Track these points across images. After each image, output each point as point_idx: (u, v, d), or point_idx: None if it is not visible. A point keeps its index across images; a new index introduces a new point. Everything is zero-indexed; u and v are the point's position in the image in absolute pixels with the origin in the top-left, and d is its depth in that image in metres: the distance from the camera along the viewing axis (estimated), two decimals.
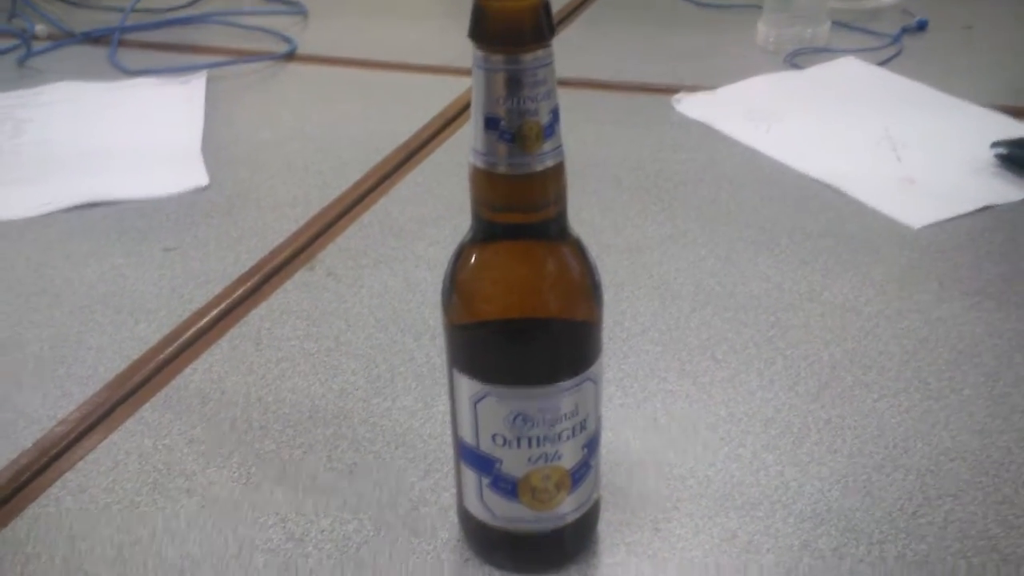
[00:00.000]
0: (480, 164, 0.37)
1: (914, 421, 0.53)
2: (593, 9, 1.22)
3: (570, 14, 1.19)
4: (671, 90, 0.94)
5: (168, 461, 0.51)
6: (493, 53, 0.35)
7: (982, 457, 0.50)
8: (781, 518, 0.47)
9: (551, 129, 0.36)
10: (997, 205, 0.73)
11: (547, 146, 0.36)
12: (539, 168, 0.36)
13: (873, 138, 0.85)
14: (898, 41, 1.05)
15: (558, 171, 0.37)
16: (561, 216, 0.39)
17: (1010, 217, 0.72)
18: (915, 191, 0.76)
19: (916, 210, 0.73)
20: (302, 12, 1.22)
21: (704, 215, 0.74)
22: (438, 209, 0.75)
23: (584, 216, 0.71)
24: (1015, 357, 0.57)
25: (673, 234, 0.72)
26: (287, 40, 1.12)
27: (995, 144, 0.79)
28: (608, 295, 0.65)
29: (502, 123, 0.35)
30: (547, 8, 0.35)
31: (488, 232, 0.39)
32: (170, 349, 0.60)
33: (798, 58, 1.02)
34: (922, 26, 1.09)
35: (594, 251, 0.41)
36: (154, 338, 0.61)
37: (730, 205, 0.75)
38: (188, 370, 0.58)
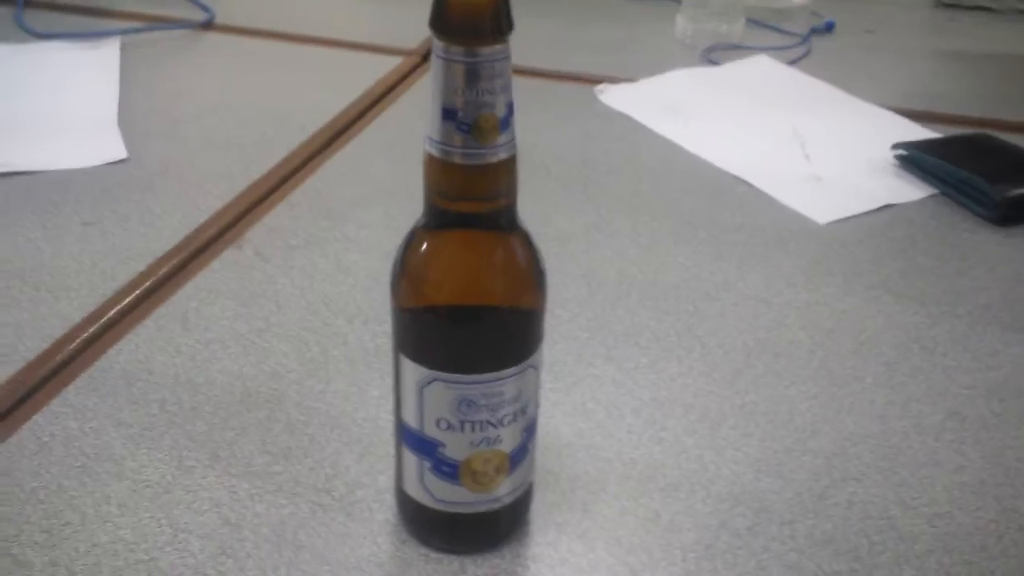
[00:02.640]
0: (436, 153, 0.37)
1: (821, 407, 0.56)
2: None
3: None
4: (594, 80, 0.96)
5: (96, 444, 0.50)
6: (453, 44, 0.35)
7: (882, 442, 0.54)
8: (700, 499, 0.49)
9: (506, 122, 0.37)
10: (897, 204, 0.78)
11: (502, 138, 0.37)
12: (494, 160, 0.37)
13: (783, 136, 0.88)
14: (807, 41, 1.10)
15: (511, 163, 0.38)
16: (511, 207, 0.40)
17: (908, 216, 0.76)
18: (822, 188, 0.81)
19: (822, 206, 0.77)
20: None
21: (627, 205, 0.76)
22: (367, 191, 0.75)
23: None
24: (912, 348, 0.61)
25: (598, 223, 0.73)
26: (204, 8, 1.08)
27: (895, 146, 0.84)
28: None
29: (459, 114, 0.36)
30: (507, 3, 0.36)
31: (440, 219, 0.39)
32: (93, 328, 0.59)
33: (713, 53, 1.06)
34: (830, 27, 1.15)
35: None
36: (76, 316, 0.60)
37: (651, 196, 0.78)
38: (113, 350, 0.57)
